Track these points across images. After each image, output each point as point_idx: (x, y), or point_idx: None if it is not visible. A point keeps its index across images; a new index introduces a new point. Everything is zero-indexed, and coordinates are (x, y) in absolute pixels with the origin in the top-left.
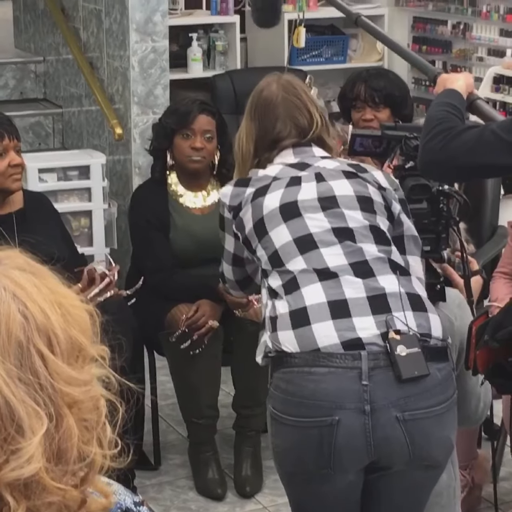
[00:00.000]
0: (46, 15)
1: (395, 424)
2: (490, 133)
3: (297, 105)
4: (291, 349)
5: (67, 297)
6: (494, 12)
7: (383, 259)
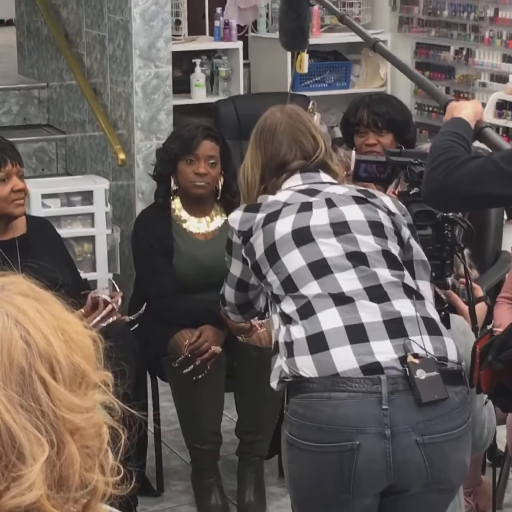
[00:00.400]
0: (50, 41)
1: (415, 448)
2: (492, 164)
3: (301, 130)
4: (310, 374)
5: (71, 323)
6: (496, 38)
7: (397, 283)
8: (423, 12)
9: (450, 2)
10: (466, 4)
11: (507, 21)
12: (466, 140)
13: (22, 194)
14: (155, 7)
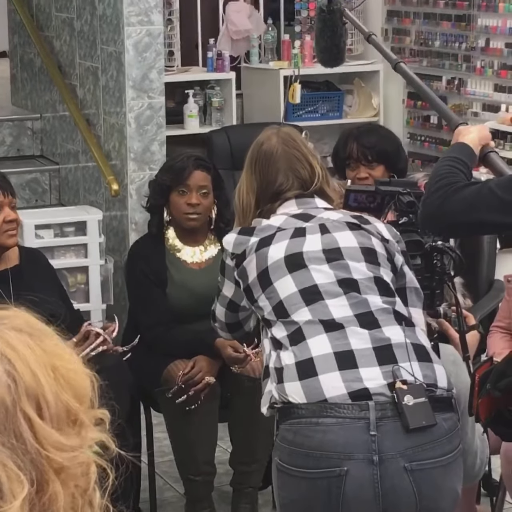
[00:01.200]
0: (43, 73)
1: (403, 474)
2: (488, 191)
3: (297, 158)
4: (298, 400)
5: (64, 361)
6: (488, 67)
7: (387, 310)
8: (415, 42)
9: (442, 32)
10: (458, 34)
11: (498, 51)
12: (467, 165)
13: (14, 225)
14: (148, 39)
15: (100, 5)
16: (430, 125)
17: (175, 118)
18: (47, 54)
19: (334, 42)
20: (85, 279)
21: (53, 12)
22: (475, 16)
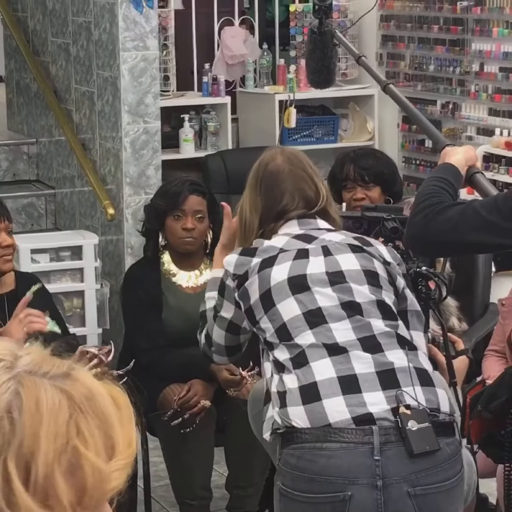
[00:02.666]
0: (39, 98)
1: (406, 500)
2: (472, 211)
3: (303, 178)
4: (302, 425)
5: (90, 449)
6: (482, 92)
7: (390, 334)
8: (410, 66)
9: (436, 56)
10: (452, 59)
11: (492, 75)
12: (452, 185)
13: (10, 250)
14: (144, 64)
15: (96, 30)
16: (425, 149)
17: (171, 142)
18: (43, 79)
19: (325, 63)
20: (81, 303)
21: (49, 38)
22: (469, 40)
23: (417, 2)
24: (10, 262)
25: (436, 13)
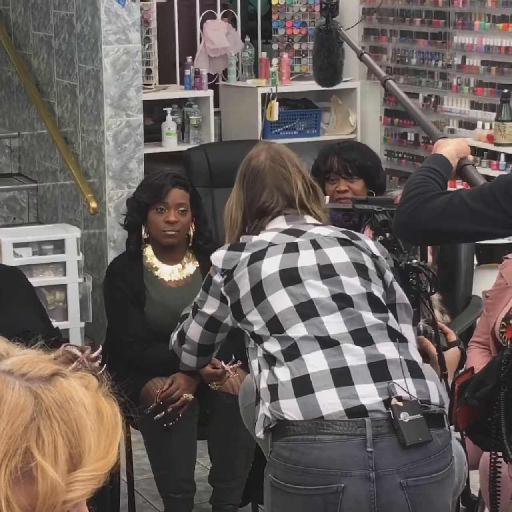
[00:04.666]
0: (21, 91)
1: (398, 491)
2: (459, 200)
3: (283, 175)
4: (294, 417)
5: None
6: (464, 85)
7: (381, 326)
8: (392, 60)
9: (418, 50)
10: (434, 52)
11: (474, 68)
12: (441, 175)
13: None
14: (126, 57)
15: (78, 23)
16: (407, 142)
17: (153, 136)
18: (25, 73)
19: (331, 61)
20: (64, 297)
21: (30, 31)
22: (451, 34)
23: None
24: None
25: (418, 6)
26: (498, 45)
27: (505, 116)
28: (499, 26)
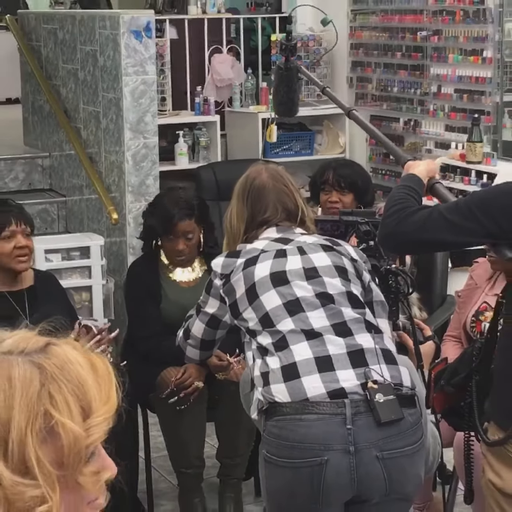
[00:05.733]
0: (52, 117)
1: (375, 462)
2: (437, 214)
3: (285, 192)
4: (283, 400)
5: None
6: (440, 110)
7: (359, 320)
8: (376, 88)
9: (399, 79)
10: (413, 82)
11: (448, 96)
12: (417, 192)
13: (25, 251)
14: (143, 86)
15: (101, 57)
16: (390, 161)
17: (167, 155)
18: (55, 101)
19: (289, 96)
20: (89, 297)
21: (60, 64)
22: (428, 65)
23: (383, 32)
24: (24, 263)
25: (399, 41)
26: (469, 75)
27: (475, 137)
28: (470, 58)
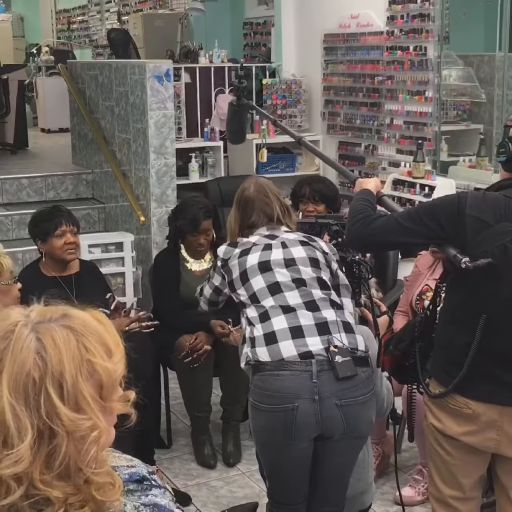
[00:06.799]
0: (93, 142)
1: (335, 408)
2: (394, 220)
3: (266, 202)
4: (265, 359)
5: (98, 358)
6: (392, 137)
7: (325, 299)
8: (343, 120)
9: (361, 114)
10: (372, 115)
11: (399, 126)
12: (372, 204)
13: (73, 246)
14: (164, 119)
15: (131, 96)
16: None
17: (183, 172)
18: (96, 130)
19: (241, 127)
20: (123, 281)
21: (100, 101)
22: (383, 103)
23: (348, 77)
24: (73, 255)
25: (361, 84)
26: (415, 111)
27: (419, 158)
28: (415, 98)
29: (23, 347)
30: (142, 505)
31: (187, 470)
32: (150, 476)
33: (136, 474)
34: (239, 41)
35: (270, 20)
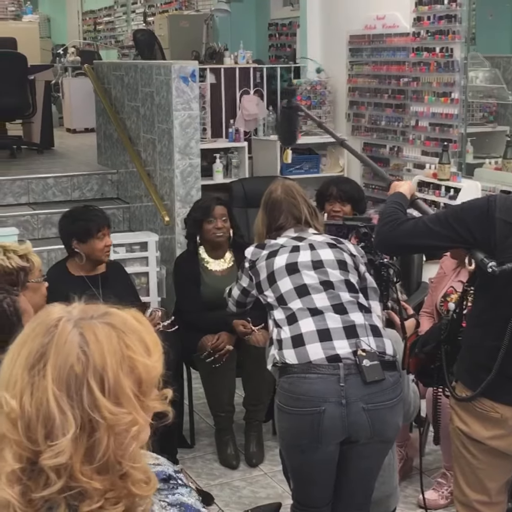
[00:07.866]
0: (119, 142)
1: (361, 412)
2: (422, 224)
3: (294, 204)
4: (292, 362)
5: (138, 354)
6: (417, 139)
7: (353, 302)
8: (368, 122)
9: (386, 115)
10: (397, 117)
11: (424, 128)
12: (403, 207)
13: (109, 247)
14: (189, 119)
15: (157, 97)
16: (378, 178)
17: (207, 172)
18: (121, 130)
19: (292, 129)
20: (147, 280)
21: (125, 102)
22: (408, 104)
23: (373, 79)
24: (108, 256)
25: (386, 86)
26: (441, 112)
27: (445, 160)
28: (441, 99)
29: (67, 341)
30: (169, 505)
31: (209, 469)
32: (176, 474)
33: (162, 472)
34: (264, 42)
35: (295, 21)
